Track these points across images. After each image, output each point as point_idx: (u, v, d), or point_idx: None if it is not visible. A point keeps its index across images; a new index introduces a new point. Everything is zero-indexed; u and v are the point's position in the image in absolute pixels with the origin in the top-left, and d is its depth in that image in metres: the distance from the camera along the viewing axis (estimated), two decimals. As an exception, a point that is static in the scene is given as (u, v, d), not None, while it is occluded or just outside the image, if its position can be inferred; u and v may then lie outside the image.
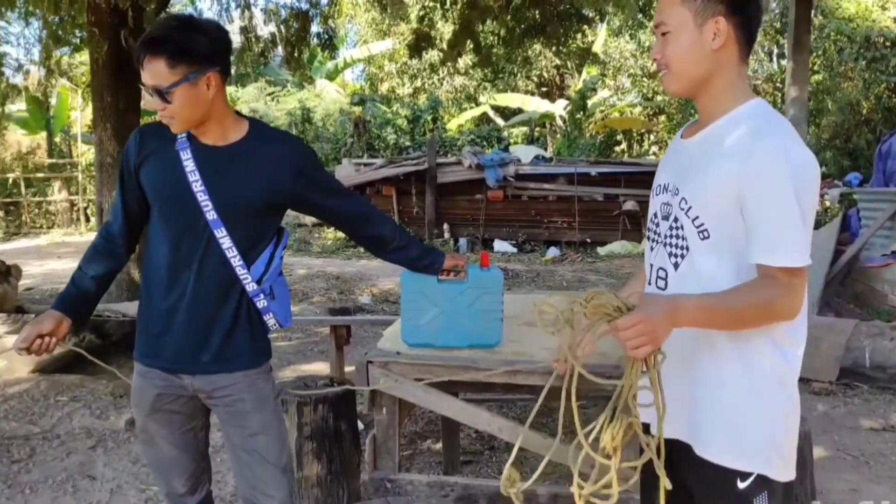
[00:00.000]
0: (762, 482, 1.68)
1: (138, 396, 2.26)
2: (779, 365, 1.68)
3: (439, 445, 4.33)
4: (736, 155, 1.60)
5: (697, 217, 1.67)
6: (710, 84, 1.69)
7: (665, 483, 1.62)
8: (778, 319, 1.63)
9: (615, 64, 21.53)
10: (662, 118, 20.66)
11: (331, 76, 24.00)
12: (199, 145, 2.08)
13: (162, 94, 1.94)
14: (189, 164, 2.05)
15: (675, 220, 1.73)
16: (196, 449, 2.34)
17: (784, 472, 1.71)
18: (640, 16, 16.62)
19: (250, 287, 2.13)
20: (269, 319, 2.20)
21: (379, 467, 2.76)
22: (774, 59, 20.00)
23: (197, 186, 2.04)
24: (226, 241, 2.07)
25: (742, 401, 1.68)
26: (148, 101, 2.02)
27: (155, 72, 1.93)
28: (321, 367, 6.00)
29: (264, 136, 2.16)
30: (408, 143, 18.63)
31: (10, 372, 5.61)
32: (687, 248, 1.71)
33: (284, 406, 2.87)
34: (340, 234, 14.63)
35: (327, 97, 22.46)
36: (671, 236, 1.75)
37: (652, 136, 20.83)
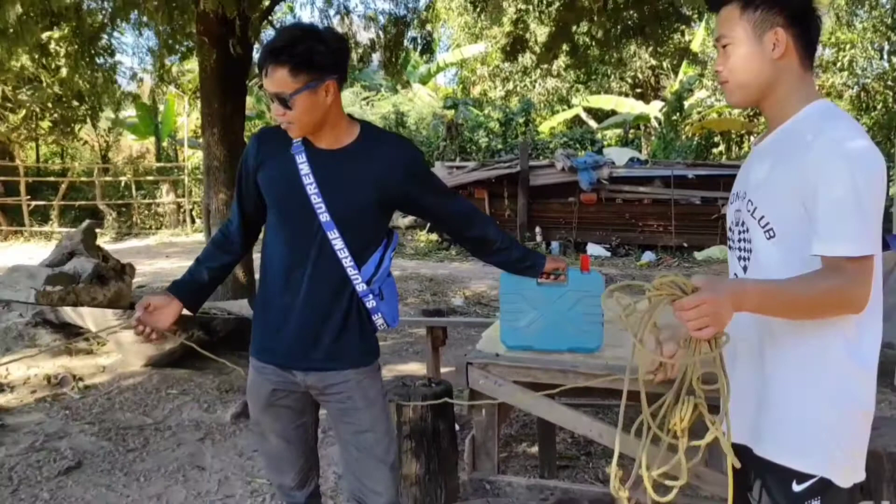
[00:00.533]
0: (821, 486, 1.64)
1: (254, 391, 2.35)
2: (848, 362, 1.64)
3: (534, 449, 4.32)
4: (797, 153, 1.62)
5: (763, 217, 1.69)
6: (773, 92, 1.72)
7: (733, 461, 1.61)
8: (842, 311, 1.60)
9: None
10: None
11: (424, 80, 24.26)
12: (313, 149, 2.15)
13: (284, 100, 2.02)
14: (304, 168, 2.12)
15: (743, 224, 1.76)
16: (305, 444, 2.41)
17: (849, 475, 1.66)
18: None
19: (360, 287, 2.18)
20: (378, 319, 2.25)
21: (478, 468, 2.79)
22: (885, 56, 19.03)
23: (311, 189, 2.11)
24: (338, 243, 2.13)
25: (806, 399, 1.65)
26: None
27: (278, 79, 2.00)
28: (416, 368, 6.08)
29: (375, 138, 2.21)
30: (500, 146, 18.64)
31: (124, 365, 5.94)
32: (753, 251, 1.73)
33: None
34: (433, 237, 14.79)
35: (420, 101, 22.72)
36: (740, 240, 1.78)
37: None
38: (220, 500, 3.79)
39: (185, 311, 2.34)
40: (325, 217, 2.12)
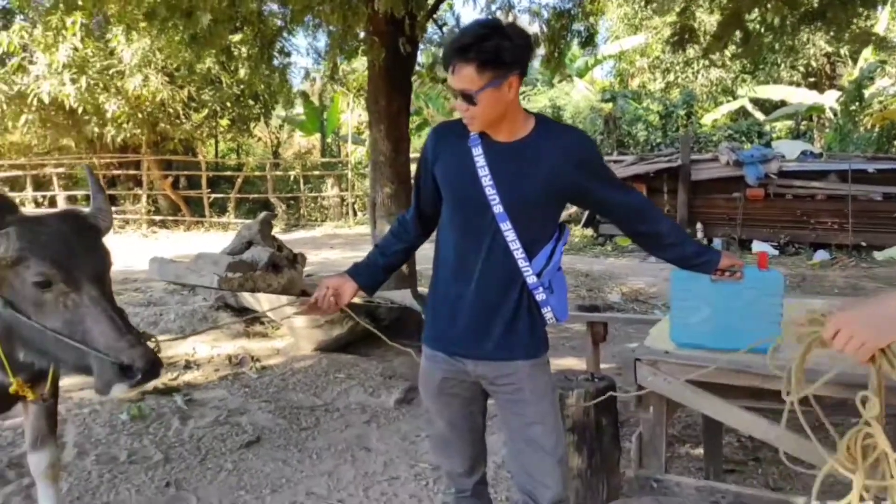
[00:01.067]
0: None
1: (425, 379, 2.42)
2: None
3: (698, 451, 4.20)
4: None
5: None
6: None
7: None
8: None
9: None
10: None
11: (581, 73, 23.96)
12: (489, 142, 2.19)
13: (469, 97, 2.07)
14: (479, 160, 2.17)
15: None
16: (474, 432, 2.46)
17: None
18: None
19: (531, 280, 2.21)
20: (547, 313, 2.27)
21: (644, 466, 2.75)
22: None
23: (486, 181, 2.15)
24: (510, 234, 2.17)
25: None
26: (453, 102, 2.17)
27: (464, 76, 2.05)
28: (573, 363, 6.05)
29: (550, 130, 2.22)
30: (659, 140, 18.12)
31: (296, 349, 6.31)
32: None
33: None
34: (588, 232, 14.63)
35: (577, 95, 22.47)
36: None
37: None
38: (385, 481, 3.95)
39: (357, 298, 2.46)
40: (498, 209, 2.16)
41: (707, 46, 7.58)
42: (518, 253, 2.19)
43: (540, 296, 2.25)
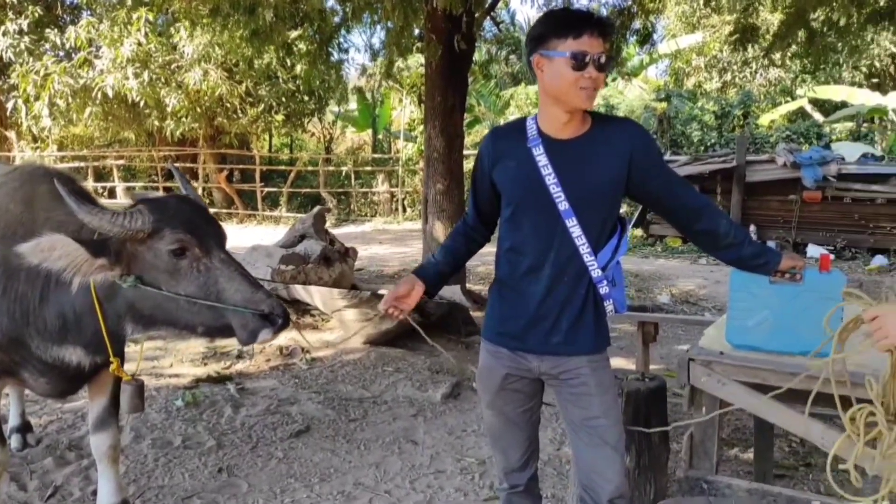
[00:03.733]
0: None
1: (487, 375, 2.44)
2: None
3: (747, 455, 4.16)
4: None
5: None
6: None
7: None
8: None
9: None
10: None
11: (635, 72, 23.69)
12: (550, 141, 2.21)
13: (604, 63, 2.09)
14: (542, 159, 2.19)
15: None
16: (531, 427, 2.49)
17: None
18: None
19: (595, 273, 2.23)
20: (608, 305, 2.29)
21: (695, 467, 2.73)
22: None
23: (550, 179, 2.17)
24: (576, 230, 2.19)
25: None
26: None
27: (599, 45, 2.09)
28: (622, 363, 6.01)
29: (607, 124, 2.26)
30: (714, 140, 17.80)
31: (346, 342, 6.39)
32: None
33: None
34: (638, 232, 14.47)
35: (630, 94, 22.23)
36: None
37: None
38: (432, 474, 3.99)
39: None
40: (563, 206, 2.18)
41: (770, 46, 7.42)
42: (584, 248, 2.21)
43: (604, 289, 2.27)
